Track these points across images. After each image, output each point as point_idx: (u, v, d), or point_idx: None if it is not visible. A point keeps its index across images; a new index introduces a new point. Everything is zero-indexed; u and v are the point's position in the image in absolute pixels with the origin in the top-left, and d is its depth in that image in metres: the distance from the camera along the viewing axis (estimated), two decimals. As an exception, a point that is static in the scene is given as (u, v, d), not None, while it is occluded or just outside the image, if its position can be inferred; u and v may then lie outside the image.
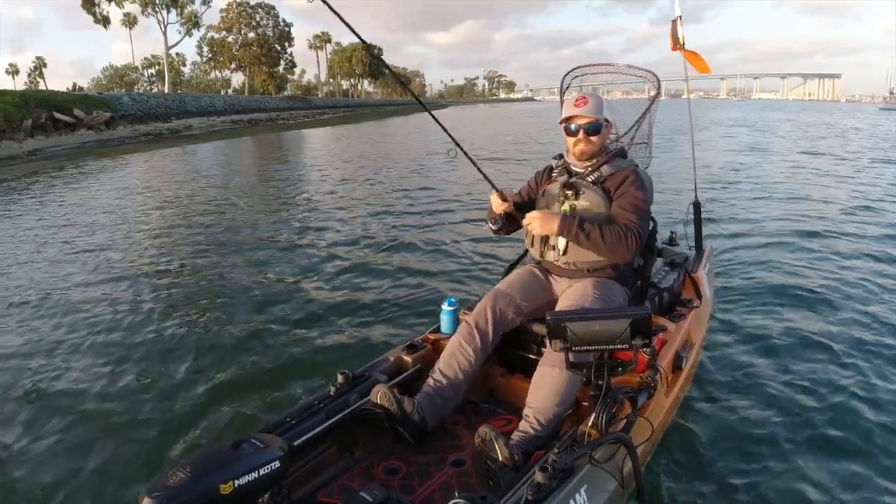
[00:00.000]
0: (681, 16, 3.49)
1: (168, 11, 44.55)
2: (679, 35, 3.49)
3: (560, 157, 2.28)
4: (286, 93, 65.41)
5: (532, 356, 2.17)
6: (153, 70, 67.72)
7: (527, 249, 2.35)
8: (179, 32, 47.08)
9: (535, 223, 2.05)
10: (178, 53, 72.98)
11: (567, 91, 2.62)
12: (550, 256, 2.19)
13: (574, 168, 2.21)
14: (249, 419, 2.64)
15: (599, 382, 1.68)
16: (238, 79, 64.91)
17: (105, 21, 42.16)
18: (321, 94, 75.84)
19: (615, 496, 1.61)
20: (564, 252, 2.12)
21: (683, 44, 3.49)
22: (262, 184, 11.31)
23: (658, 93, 2.55)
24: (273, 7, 56.96)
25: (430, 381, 2.04)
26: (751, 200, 8.47)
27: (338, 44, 76.43)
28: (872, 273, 4.94)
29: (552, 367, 1.86)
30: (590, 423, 1.68)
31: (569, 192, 2.13)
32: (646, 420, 1.81)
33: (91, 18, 41.52)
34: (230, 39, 55.85)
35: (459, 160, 2.22)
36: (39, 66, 61.29)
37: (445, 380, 2.02)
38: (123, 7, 43.45)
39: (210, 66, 59.53)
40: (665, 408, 2.07)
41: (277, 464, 1.38)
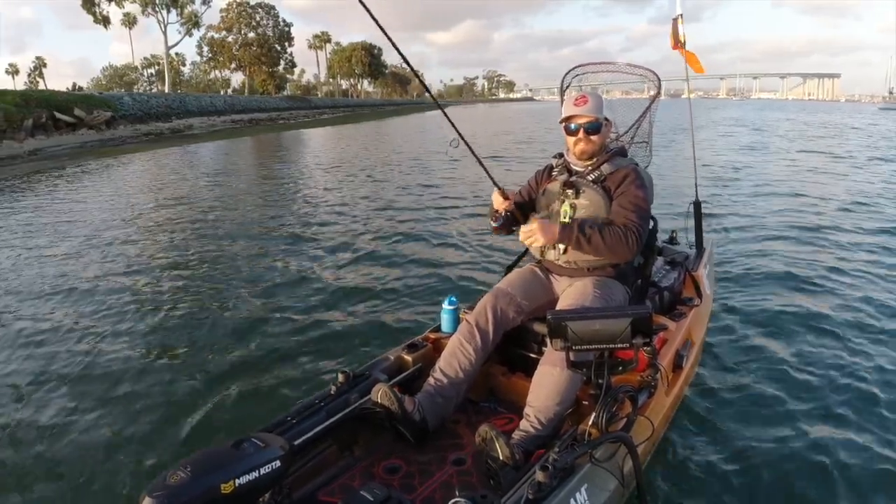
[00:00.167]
0: (681, 14, 3.49)
1: (168, 11, 44.58)
2: (680, 33, 3.49)
3: (560, 156, 2.27)
4: (286, 93, 65.38)
5: (533, 355, 2.17)
6: (153, 70, 67.78)
7: (527, 248, 2.35)
8: (179, 32, 47.18)
9: (536, 235, 2.03)
10: (178, 53, 73.07)
11: (567, 90, 2.62)
12: (551, 255, 2.19)
13: (574, 167, 2.21)
14: (250, 418, 2.63)
15: (600, 381, 1.68)
16: (238, 79, 65.00)
17: (105, 21, 42.15)
18: (321, 94, 75.81)
19: (616, 495, 1.61)
20: (565, 251, 2.12)
21: (684, 42, 3.49)
22: (263, 183, 11.30)
23: (658, 92, 2.55)
24: (273, 7, 57.01)
25: (431, 381, 2.04)
26: (751, 198, 8.48)
27: (337, 44, 76.52)
28: (871, 268, 4.95)
29: (553, 366, 1.86)
30: (590, 422, 1.68)
31: (569, 192, 2.12)
32: (646, 419, 1.81)
33: (91, 18, 41.58)
34: (230, 39, 55.86)
35: (461, 159, 2.22)
36: (39, 66, 61.38)
37: (446, 379, 2.02)
38: (123, 7, 43.49)
39: (210, 66, 59.53)
40: (665, 407, 2.07)
41: (278, 463, 1.38)
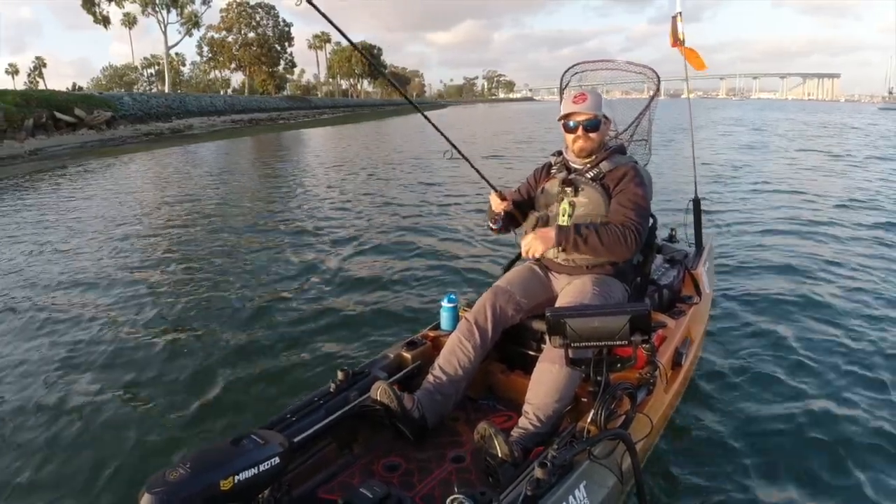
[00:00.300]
0: (681, 12, 3.49)
1: (168, 11, 44.56)
2: (679, 31, 3.49)
3: (559, 154, 2.27)
4: (285, 93, 65.38)
5: (531, 353, 2.17)
6: (153, 70, 67.74)
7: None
8: (179, 32, 47.11)
9: (534, 244, 2.02)
10: (178, 53, 73.04)
11: (567, 88, 2.62)
12: (550, 254, 2.18)
13: (573, 165, 2.21)
14: (249, 416, 2.64)
15: (599, 378, 1.67)
16: (237, 79, 65.00)
17: (105, 21, 42.12)
18: (320, 94, 75.83)
19: (614, 492, 1.61)
20: (563, 249, 2.12)
21: (683, 40, 3.49)
22: (264, 181, 11.32)
23: (658, 89, 2.55)
24: (273, 7, 56.97)
25: (430, 378, 2.04)
26: (750, 196, 8.51)
27: (337, 44, 76.41)
28: (869, 262, 4.98)
29: (552, 364, 1.86)
30: (589, 419, 1.68)
31: (568, 189, 2.12)
32: (645, 416, 1.81)
33: (90, 19, 41.53)
34: (230, 39, 55.86)
35: (461, 157, 2.23)
36: (39, 66, 61.32)
37: (445, 376, 2.02)
38: (123, 7, 43.45)
39: (210, 66, 59.52)
40: (664, 404, 2.07)
41: (277, 460, 1.38)
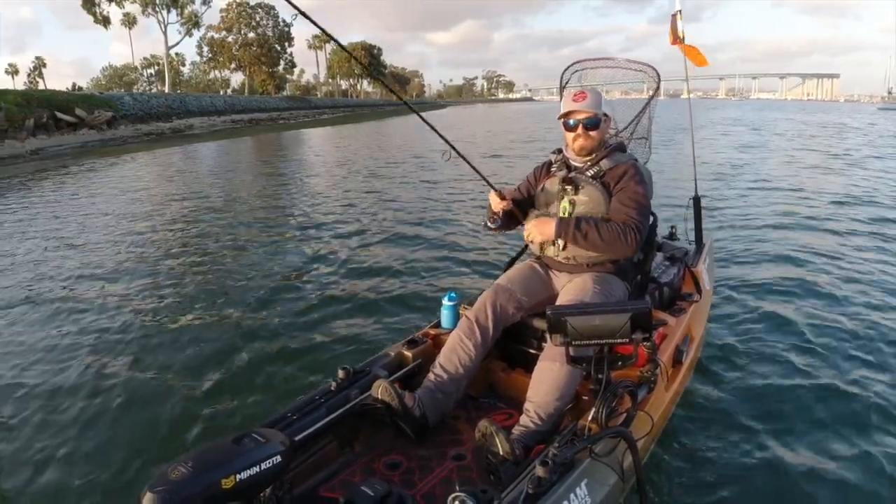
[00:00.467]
0: (681, 10, 3.49)
1: (168, 12, 44.56)
2: (679, 29, 3.49)
3: (559, 152, 2.27)
4: (285, 93, 65.34)
5: (532, 351, 2.17)
6: (152, 70, 67.71)
7: (527, 244, 2.35)
8: (179, 32, 47.13)
9: (533, 232, 2.08)
10: (178, 53, 72.94)
11: (566, 87, 2.61)
12: (550, 252, 2.18)
13: (573, 163, 2.21)
14: (250, 414, 2.64)
15: (599, 376, 1.67)
16: (237, 79, 64.97)
17: (105, 21, 42.12)
18: (320, 94, 75.77)
19: (615, 490, 1.61)
20: (564, 247, 2.12)
21: (683, 38, 3.49)
22: (265, 181, 11.33)
23: (658, 87, 2.55)
24: (273, 7, 56.95)
25: (431, 376, 2.04)
26: (750, 194, 8.54)
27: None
28: (868, 257, 5.00)
29: (552, 362, 1.86)
30: (590, 418, 1.68)
31: (568, 188, 2.12)
32: (646, 414, 1.81)
33: (90, 19, 41.54)
34: (230, 39, 55.85)
35: (456, 160, 2.23)
36: (39, 66, 61.27)
37: (446, 375, 2.02)
38: (124, 7, 43.46)
39: (210, 66, 59.51)
40: (665, 402, 2.07)
41: (279, 458, 1.39)
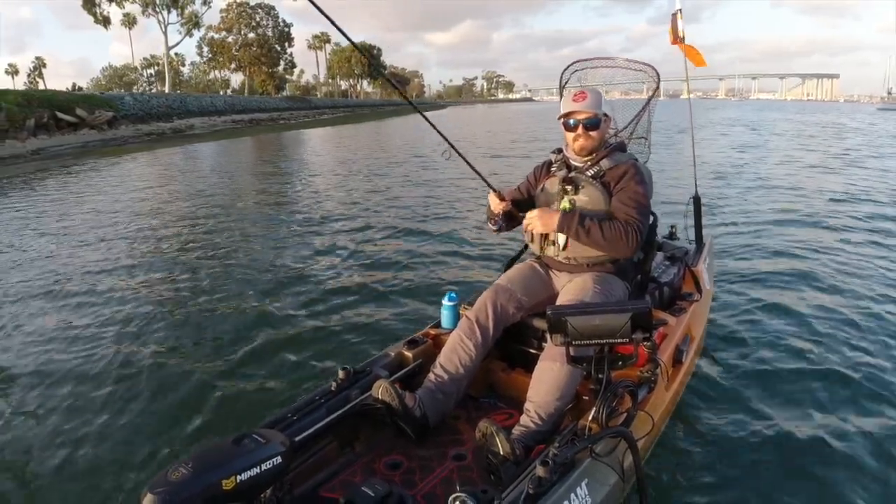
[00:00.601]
0: (681, 9, 3.48)
1: (168, 12, 44.60)
2: (679, 29, 3.48)
3: (559, 152, 2.27)
4: (285, 93, 65.38)
5: (533, 351, 2.17)
6: (152, 70, 67.78)
7: (527, 244, 2.36)
8: (180, 33, 47.10)
9: (535, 222, 2.07)
10: (178, 54, 73.03)
11: (566, 87, 2.61)
12: (550, 252, 2.19)
13: (573, 162, 2.21)
14: (251, 415, 2.63)
15: (600, 376, 1.67)
16: (237, 79, 65.03)
17: (105, 21, 42.14)
18: (320, 95, 75.85)
19: (616, 490, 1.61)
20: (564, 247, 2.12)
21: (683, 38, 3.48)
22: (267, 181, 11.34)
23: (657, 87, 2.55)
24: (273, 7, 57.04)
25: (431, 377, 2.04)
26: (750, 194, 8.54)
27: (337, 44, 76.41)
28: (867, 254, 5.02)
29: (553, 362, 1.86)
30: (590, 417, 1.68)
31: (568, 188, 2.12)
32: (646, 414, 1.81)
33: (90, 19, 41.56)
34: (230, 40, 55.90)
35: (456, 160, 2.23)
36: (39, 67, 61.33)
37: (446, 375, 2.02)
38: (124, 7, 43.49)
39: (209, 67, 59.55)
40: (665, 401, 2.07)
41: (279, 459, 1.39)
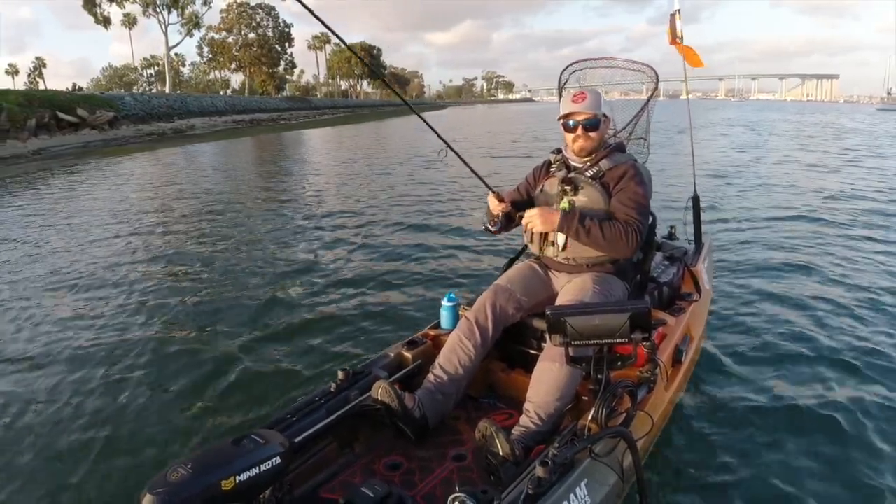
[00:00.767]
0: (679, 10, 3.48)
1: (169, 12, 44.63)
2: (677, 29, 3.48)
3: (558, 152, 2.26)
4: (285, 93, 65.40)
5: (532, 351, 2.17)
6: (152, 70, 67.79)
7: (526, 244, 2.35)
8: (180, 33, 47.13)
9: (536, 221, 2.04)
10: (178, 54, 73.05)
11: (565, 87, 2.61)
12: (550, 252, 2.18)
13: (572, 163, 2.20)
14: (250, 416, 2.64)
15: (599, 377, 1.67)
16: (237, 79, 65.07)
17: (106, 22, 42.17)
18: (320, 95, 75.90)
19: (615, 490, 1.61)
20: (564, 248, 2.12)
21: (682, 38, 3.48)
22: (269, 181, 11.37)
23: (656, 86, 2.55)
24: (273, 8, 57.08)
25: (431, 377, 2.04)
26: (749, 194, 8.56)
27: (337, 45, 76.37)
28: (866, 252, 5.03)
29: (552, 362, 1.86)
30: (590, 418, 1.68)
31: (567, 188, 2.11)
32: (646, 414, 1.81)
33: (90, 19, 41.60)
34: (230, 40, 55.95)
35: (456, 160, 2.23)
36: (39, 67, 61.31)
37: (446, 375, 2.02)
38: (125, 7, 43.53)
39: (210, 67, 59.59)
40: (665, 402, 2.07)
41: (278, 460, 1.39)
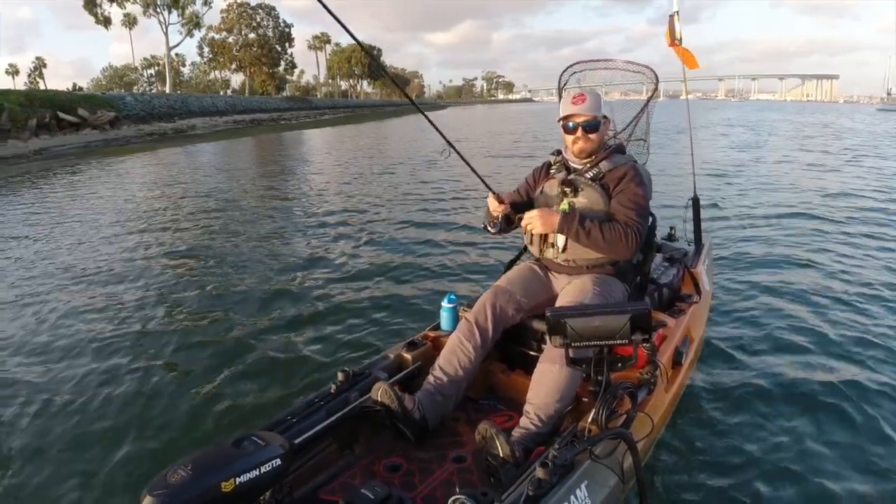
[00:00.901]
0: (678, 11, 3.48)
1: (169, 12, 44.65)
2: (676, 30, 3.48)
3: (558, 154, 2.26)
4: (285, 93, 65.43)
5: (532, 352, 2.17)
6: (152, 70, 67.83)
7: (526, 246, 2.35)
8: (180, 33, 47.17)
9: (536, 222, 2.04)
10: (178, 54, 73.14)
11: (565, 88, 2.61)
12: (550, 253, 2.18)
13: (572, 164, 2.20)
14: (250, 417, 2.64)
15: (599, 378, 1.67)
16: (237, 79, 65.11)
17: (106, 22, 42.20)
18: (320, 95, 75.94)
19: (615, 491, 1.61)
20: (563, 249, 2.12)
21: (680, 40, 3.48)
22: (270, 181, 11.35)
23: (656, 87, 2.55)
24: (273, 8, 57.16)
25: (431, 379, 2.04)
26: (749, 194, 8.55)
27: (337, 45, 76.53)
28: (866, 253, 5.03)
29: (552, 364, 1.86)
30: (590, 419, 1.68)
31: (567, 190, 2.11)
32: (646, 415, 1.81)
33: (90, 19, 41.66)
34: (231, 40, 55.99)
35: (456, 160, 2.23)
36: (39, 67, 61.34)
37: (446, 377, 2.02)
38: (125, 8, 43.56)
39: (210, 67, 59.64)
40: (665, 403, 2.07)
41: (278, 461, 1.39)
